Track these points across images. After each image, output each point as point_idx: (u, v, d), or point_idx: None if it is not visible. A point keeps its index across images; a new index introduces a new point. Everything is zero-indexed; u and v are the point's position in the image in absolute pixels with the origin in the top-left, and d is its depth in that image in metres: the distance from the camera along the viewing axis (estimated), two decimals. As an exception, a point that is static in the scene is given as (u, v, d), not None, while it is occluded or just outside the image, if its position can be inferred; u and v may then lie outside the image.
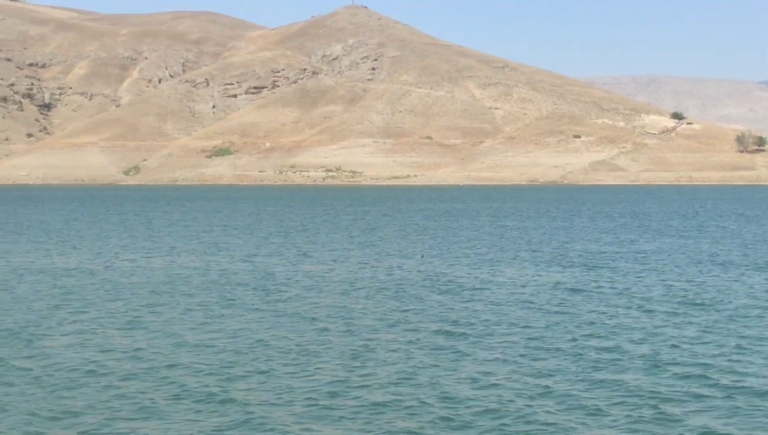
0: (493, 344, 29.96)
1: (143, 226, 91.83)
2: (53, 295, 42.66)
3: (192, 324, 34.26)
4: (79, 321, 35.27)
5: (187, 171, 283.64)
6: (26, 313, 37.37)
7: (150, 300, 40.61)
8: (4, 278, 49.11)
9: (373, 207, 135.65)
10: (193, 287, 44.82)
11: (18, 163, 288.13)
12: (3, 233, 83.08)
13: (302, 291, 43.21)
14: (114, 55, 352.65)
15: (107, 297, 41.69)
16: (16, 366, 27.75)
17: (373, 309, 37.51)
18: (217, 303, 39.45)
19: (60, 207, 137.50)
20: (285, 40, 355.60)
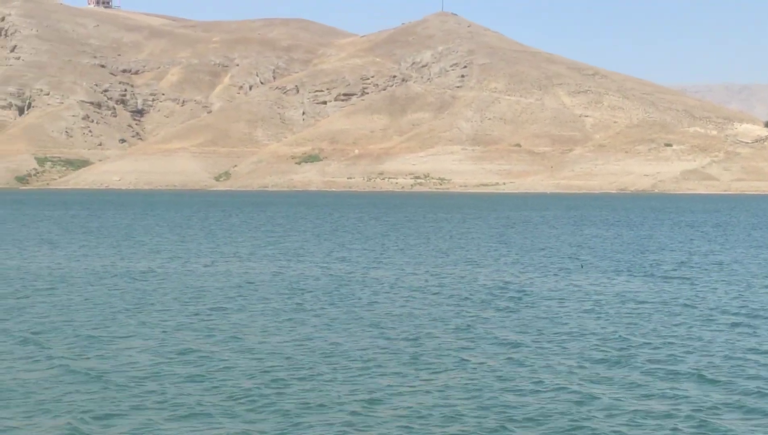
0: (550, 353, 29.87)
1: (226, 231, 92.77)
2: (129, 297, 43.34)
3: (261, 328, 34.62)
4: (151, 323, 35.82)
5: (276, 177, 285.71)
6: (100, 314, 38.05)
7: (223, 304, 41.08)
8: (82, 280, 50.00)
9: (457, 214, 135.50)
10: (267, 292, 45.23)
11: (111, 168, 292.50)
12: (88, 236, 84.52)
13: (373, 297, 43.38)
14: (206, 62, 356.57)
15: (182, 300, 42.24)
16: (83, 365, 28.30)
17: (442, 316, 37.56)
18: (290, 308, 39.77)
19: (149, 211, 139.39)
20: (375, 48, 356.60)
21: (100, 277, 52.06)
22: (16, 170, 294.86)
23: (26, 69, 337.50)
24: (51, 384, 26.30)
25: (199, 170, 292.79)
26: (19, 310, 39.33)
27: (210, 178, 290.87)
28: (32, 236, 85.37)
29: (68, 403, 24.35)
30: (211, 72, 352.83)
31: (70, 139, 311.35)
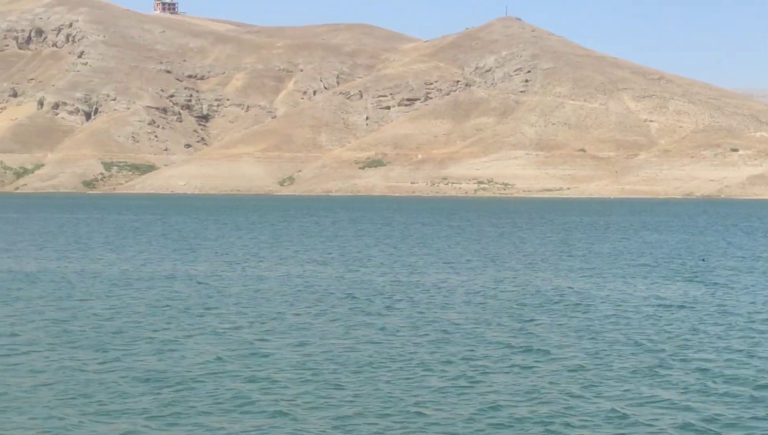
0: (610, 359, 29.78)
1: (289, 235, 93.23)
2: (195, 299, 43.75)
3: (324, 332, 34.83)
4: (213, 325, 36.16)
5: (340, 182, 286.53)
6: (156, 316, 38.45)
7: (286, 307, 41.34)
8: (140, 283, 50.54)
9: (517, 219, 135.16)
10: (331, 296, 45.50)
11: (176, 173, 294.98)
12: (150, 240, 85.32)
13: (424, 302, 43.46)
14: (270, 68, 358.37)
15: (246, 303, 42.59)
16: (147, 367, 28.65)
17: (500, 321, 37.56)
18: (352, 312, 39.97)
19: (215, 216, 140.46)
20: (438, 53, 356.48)
21: (169, 279, 52.61)
22: (83, 175, 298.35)
23: (93, 75, 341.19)
24: (114, 385, 26.65)
25: (264, 175, 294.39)
26: (88, 312, 39.85)
27: (274, 182, 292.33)
28: (98, 240, 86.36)
29: (132, 404, 24.68)
30: (275, 77, 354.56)
31: (136, 144, 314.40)
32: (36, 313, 39.89)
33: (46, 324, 36.88)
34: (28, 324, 36.95)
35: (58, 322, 37.44)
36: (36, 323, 37.13)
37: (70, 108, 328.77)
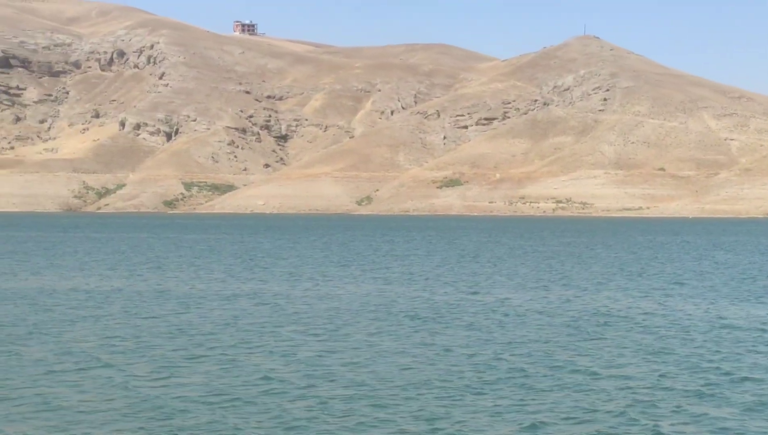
0: (676, 382, 29.67)
1: (358, 254, 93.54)
2: (251, 317, 44.22)
3: (369, 350, 35.06)
4: (264, 343, 36.56)
5: (417, 201, 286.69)
6: (221, 334, 38.95)
7: (339, 325, 41.64)
8: (209, 301, 51.14)
9: (593, 238, 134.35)
10: (385, 313, 45.68)
11: (255, 193, 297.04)
12: (222, 259, 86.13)
13: (485, 321, 43.52)
14: (348, 88, 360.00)
15: (299, 321, 42.96)
16: (198, 383, 29.11)
17: (553, 342, 37.52)
18: (403, 330, 40.13)
19: (289, 235, 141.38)
20: (516, 72, 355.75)
21: (237, 298, 53.17)
22: (164, 195, 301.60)
23: (174, 96, 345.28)
24: (176, 401, 27.09)
25: (342, 194, 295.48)
26: (154, 329, 40.48)
27: (352, 202, 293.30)
28: (171, 259, 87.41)
29: (192, 420, 25.12)
30: (353, 97, 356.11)
31: (216, 165, 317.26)
32: (105, 329, 40.59)
33: (113, 341, 37.53)
34: (96, 341, 37.62)
35: (124, 338, 38.09)
36: (103, 340, 37.79)
37: (151, 129, 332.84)
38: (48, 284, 61.98)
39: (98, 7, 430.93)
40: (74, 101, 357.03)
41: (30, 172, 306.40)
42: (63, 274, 69.74)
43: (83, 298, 53.49)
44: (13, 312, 47.38)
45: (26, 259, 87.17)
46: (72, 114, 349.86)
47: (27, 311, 47.62)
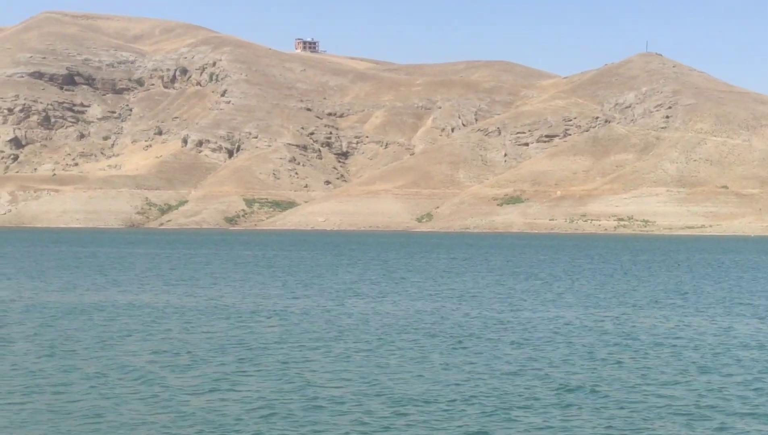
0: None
1: (413, 270, 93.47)
2: (289, 332, 44.36)
3: (421, 365, 35.01)
4: (293, 358, 36.62)
5: (478, 218, 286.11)
6: (276, 348, 39.11)
7: (387, 340, 41.64)
8: (268, 316, 51.33)
9: (654, 256, 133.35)
10: (421, 329, 45.66)
11: (316, 210, 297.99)
12: (281, 274, 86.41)
13: (526, 338, 43.32)
14: (409, 105, 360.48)
15: (336, 337, 43.02)
16: (258, 395, 29.24)
17: (612, 360, 37.29)
18: (430, 347, 40.04)
19: (345, 251, 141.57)
20: (577, 89, 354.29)
21: (277, 313, 53.34)
22: (225, 211, 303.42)
23: (236, 113, 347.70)
24: (215, 413, 27.24)
25: (402, 211, 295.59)
26: (185, 344, 40.72)
27: (412, 219, 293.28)
28: (232, 275, 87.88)
29: None
30: (414, 114, 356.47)
31: (277, 181, 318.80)
32: (159, 343, 40.90)
33: (166, 355, 37.78)
34: (149, 355, 37.90)
35: (177, 352, 38.35)
36: (156, 355, 38.07)
37: (213, 145, 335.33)
38: (106, 299, 62.58)
39: (162, 24, 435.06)
40: (137, 118, 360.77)
41: (93, 189, 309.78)
42: (121, 290, 70.38)
43: (140, 313, 53.95)
44: (73, 326, 47.90)
45: (87, 274, 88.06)
46: (135, 131, 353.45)
47: (85, 325, 48.10)
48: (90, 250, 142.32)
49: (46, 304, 58.89)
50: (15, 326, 47.73)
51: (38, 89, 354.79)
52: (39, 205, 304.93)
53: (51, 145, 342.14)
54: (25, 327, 47.40)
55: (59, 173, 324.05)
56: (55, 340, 42.46)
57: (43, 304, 59.32)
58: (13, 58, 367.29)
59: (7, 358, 37.49)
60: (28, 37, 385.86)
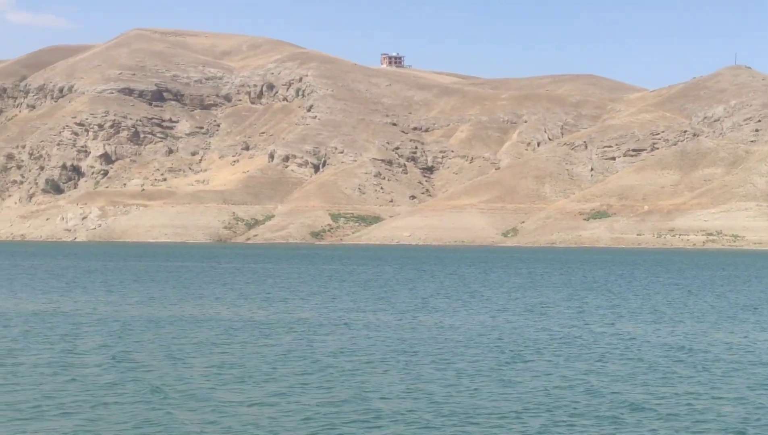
0: None
1: (485, 284, 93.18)
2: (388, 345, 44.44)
3: (491, 378, 34.95)
4: (405, 370, 36.68)
5: (564, 233, 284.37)
6: (343, 361, 39.28)
7: (456, 353, 41.55)
8: (338, 328, 51.54)
9: (738, 271, 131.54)
10: (485, 342, 45.50)
11: (401, 224, 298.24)
12: (357, 289, 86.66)
13: (576, 353, 43.00)
14: (494, 119, 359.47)
15: (400, 350, 43.01)
16: (318, 407, 29.43)
17: (679, 375, 36.86)
18: (486, 362, 39.86)
19: (428, 265, 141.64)
20: (665, 102, 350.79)
21: (346, 326, 53.49)
22: (311, 226, 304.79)
23: (322, 128, 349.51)
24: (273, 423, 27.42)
25: (487, 226, 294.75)
26: (242, 356, 40.97)
27: (497, 234, 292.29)
28: (307, 288, 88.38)
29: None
30: (499, 128, 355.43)
31: (363, 196, 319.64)
32: (225, 355, 41.26)
33: (232, 368, 38.08)
34: (215, 368, 38.24)
35: (242, 365, 38.64)
36: (221, 368, 38.39)
37: (299, 160, 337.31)
38: (181, 312, 63.29)
39: (249, 41, 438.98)
40: (225, 134, 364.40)
41: (181, 204, 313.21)
42: (198, 303, 71.12)
43: (211, 326, 54.47)
44: (146, 338, 48.56)
45: (167, 287, 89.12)
46: (222, 146, 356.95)
47: (154, 337, 48.70)
48: (174, 264, 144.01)
49: (119, 317, 59.73)
50: (85, 337, 48.50)
51: (128, 105, 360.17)
52: (128, 219, 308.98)
53: (140, 161, 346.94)
54: (96, 338, 48.12)
55: (148, 188, 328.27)
56: (122, 352, 43.07)
57: (117, 316, 60.17)
58: (103, 75, 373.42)
59: (71, 369, 38.09)
60: (118, 54, 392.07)
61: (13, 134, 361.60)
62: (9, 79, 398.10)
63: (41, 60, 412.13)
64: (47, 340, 47.42)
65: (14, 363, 40.00)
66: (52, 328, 52.92)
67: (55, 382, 35.22)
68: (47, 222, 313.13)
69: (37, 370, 38.20)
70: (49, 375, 36.96)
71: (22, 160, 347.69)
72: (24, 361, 40.42)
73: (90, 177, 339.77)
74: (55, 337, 48.66)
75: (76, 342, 46.94)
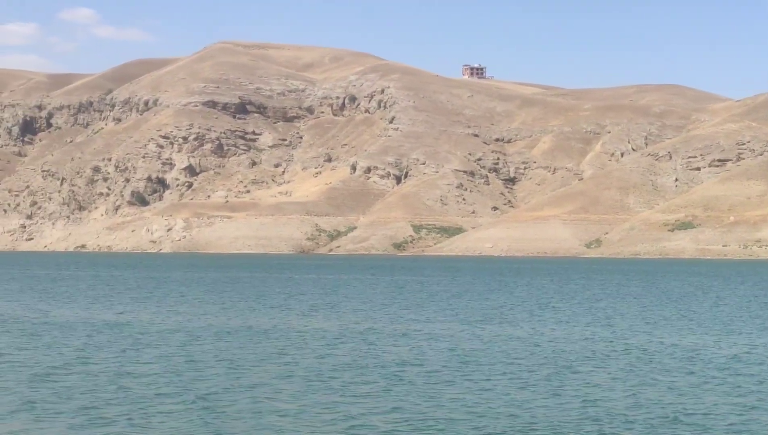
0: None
1: (561, 295, 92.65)
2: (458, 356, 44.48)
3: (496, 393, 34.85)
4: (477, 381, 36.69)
5: (648, 245, 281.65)
6: (414, 371, 39.34)
7: (527, 364, 41.45)
8: (409, 339, 51.59)
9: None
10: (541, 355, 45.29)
11: (483, 236, 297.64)
12: (429, 300, 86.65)
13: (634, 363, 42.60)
14: (577, 130, 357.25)
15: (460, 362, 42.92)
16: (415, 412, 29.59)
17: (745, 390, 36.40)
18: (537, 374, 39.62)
19: (514, 277, 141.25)
20: (750, 112, 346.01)
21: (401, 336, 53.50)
22: (393, 237, 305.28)
23: (404, 139, 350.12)
24: None
25: (570, 237, 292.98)
26: (306, 365, 41.20)
27: (581, 245, 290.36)
28: (379, 298, 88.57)
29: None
30: (582, 139, 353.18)
31: (445, 207, 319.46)
32: (289, 363, 41.50)
33: (294, 378, 38.31)
34: (278, 376, 38.48)
35: (281, 377, 38.84)
36: (283, 378, 38.63)
37: (381, 172, 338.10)
38: (249, 323, 63.80)
39: (331, 53, 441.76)
40: (307, 146, 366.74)
41: (265, 215, 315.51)
42: (267, 314, 71.68)
43: (277, 336, 54.85)
44: (210, 347, 49.00)
45: (241, 298, 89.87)
46: (305, 158, 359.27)
47: (219, 347, 49.15)
48: (253, 274, 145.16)
49: (187, 326, 60.31)
50: (150, 347, 49.09)
51: (212, 118, 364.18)
52: (212, 231, 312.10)
53: (224, 173, 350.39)
54: (160, 348, 48.66)
55: (231, 200, 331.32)
56: (186, 361, 43.50)
57: (187, 326, 60.77)
58: (187, 88, 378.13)
59: (129, 378, 38.55)
60: (202, 67, 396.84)
61: (99, 147, 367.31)
62: (95, 92, 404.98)
63: (126, 74, 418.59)
64: (113, 349, 48.09)
65: (74, 371, 40.61)
66: (121, 337, 53.74)
67: (112, 390, 35.69)
68: (133, 234, 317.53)
69: (97, 378, 38.74)
70: (106, 383, 37.48)
71: (108, 173, 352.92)
72: (89, 369, 41.01)
73: (175, 189, 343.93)
74: (122, 346, 49.37)
75: (141, 351, 47.54)
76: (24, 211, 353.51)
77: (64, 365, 42.27)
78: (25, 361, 43.78)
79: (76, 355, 45.78)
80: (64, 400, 33.81)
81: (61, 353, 46.43)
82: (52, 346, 49.32)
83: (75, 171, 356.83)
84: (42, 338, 53.48)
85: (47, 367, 41.73)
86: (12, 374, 39.70)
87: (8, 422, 30.18)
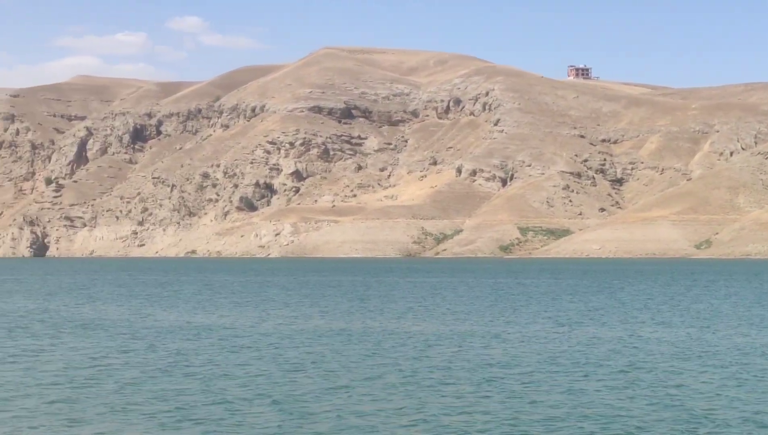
0: None
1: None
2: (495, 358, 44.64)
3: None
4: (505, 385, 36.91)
5: (760, 244, 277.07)
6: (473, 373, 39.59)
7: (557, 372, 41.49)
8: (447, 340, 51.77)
9: None
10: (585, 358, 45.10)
11: (591, 237, 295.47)
12: (521, 302, 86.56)
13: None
14: (684, 129, 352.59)
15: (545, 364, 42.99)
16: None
17: None
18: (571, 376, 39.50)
19: (618, 279, 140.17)
20: None
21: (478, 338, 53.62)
22: (499, 240, 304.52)
23: (509, 141, 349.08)
24: None
25: (679, 238, 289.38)
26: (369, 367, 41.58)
27: (690, 246, 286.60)
28: (465, 301, 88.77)
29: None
30: (690, 139, 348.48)
31: (551, 209, 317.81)
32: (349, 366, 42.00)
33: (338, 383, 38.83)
34: (321, 380, 39.00)
35: (355, 381, 39.30)
36: (327, 380, 39.12)
37: (486, 174, 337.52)
38: (344, 326, 64.45)
39: (436, 56, 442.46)
40: (413, 149, 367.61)
41: (371, 219, 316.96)
42: (364, 316, 72.27)
43: (371, 339, 55.35)
44: (305, 349, 49.70)
45: (341, 301, 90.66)
46: (411, 162, 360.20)
47: (314, 349, 49.83)
48: (357, 278, 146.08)
49: (281, 331, 61.13)
50: (244, 350, 49.93)
51: (317, 123, 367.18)
52: (319, 235, 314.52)
53: (330, 178, 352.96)
54: (257, 351, 49.48)
55: (338, 205, 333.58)
56: (280, 362, 44.22)
57: (280, 330, 61.58)
58: (293, 94, 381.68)
59: (225, 379, 39.37)
60: (307, 72, 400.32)
61: (208, 153, 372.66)
62: (203, 99, 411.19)
63: (234, 81, 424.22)
64: (211, 351, 49.01)
65: (172, 373, 41.54)
66: (220, 340, 54.72)
67: (204, 392, 36.49)
68: (242, 239, 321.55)
69: (191, 380, 39.59)
70: (200, 384, 38.29)
71: (216, 179, 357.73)
72: (186, 371, 41.91)
73: (282, 194, 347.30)
74: (220, 348, 50.29)
75: (238, 353, 48.38)
76: (135, 217, 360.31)
77: (161, 368, 43.27)
78: (127, 362, 44.95)
79: (174, 358, 46.79)
80: (159, 401, 34.68)
81: (160, 356, 47.51)
82: (153, 349, 50.50)
83: (184, 177, 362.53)
84: (144, 341, 54.77)
85: (146, 368, 42.79)
86: (110, 376, 40.80)
87: (102, 423, 31.09)
